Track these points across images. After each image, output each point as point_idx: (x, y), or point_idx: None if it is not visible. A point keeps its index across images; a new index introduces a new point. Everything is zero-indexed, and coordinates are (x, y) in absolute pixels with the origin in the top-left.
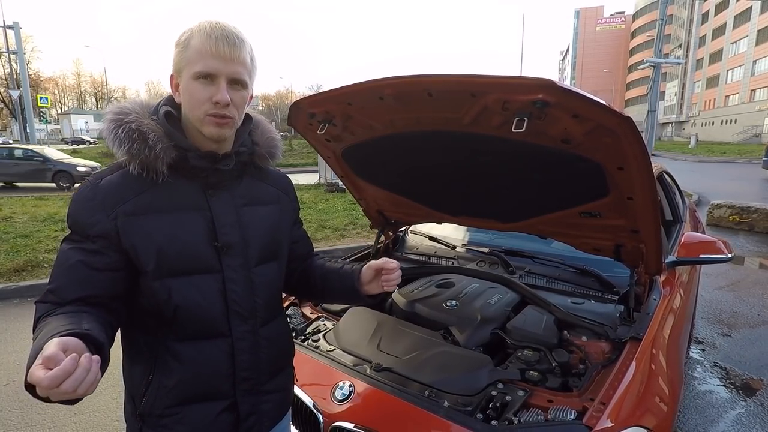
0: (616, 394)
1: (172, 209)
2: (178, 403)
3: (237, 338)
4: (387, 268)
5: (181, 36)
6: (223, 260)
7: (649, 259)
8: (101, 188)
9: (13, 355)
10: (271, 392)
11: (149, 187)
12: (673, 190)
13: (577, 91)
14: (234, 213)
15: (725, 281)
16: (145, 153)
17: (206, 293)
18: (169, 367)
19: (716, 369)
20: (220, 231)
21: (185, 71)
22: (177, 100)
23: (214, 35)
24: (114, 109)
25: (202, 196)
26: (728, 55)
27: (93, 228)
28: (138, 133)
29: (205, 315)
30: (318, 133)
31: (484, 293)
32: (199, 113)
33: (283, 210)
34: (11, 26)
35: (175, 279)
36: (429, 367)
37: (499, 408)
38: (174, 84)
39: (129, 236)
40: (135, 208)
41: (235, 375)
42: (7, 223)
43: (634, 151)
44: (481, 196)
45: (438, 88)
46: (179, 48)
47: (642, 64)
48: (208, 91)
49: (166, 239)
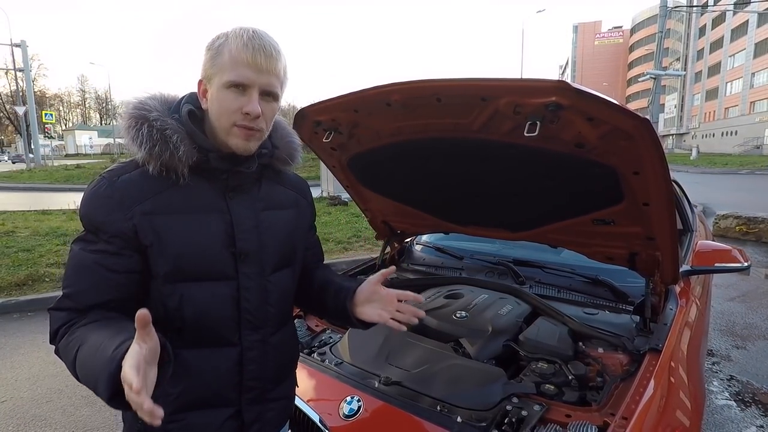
0: (638, 409)
1: (192, 210)
2: (182, 410)
3: (246, 348)
4: (403, 296)
5: (214, 41)
6: (239, 267)
7: (666, 268)
8: (119, 186)
9: (11, 371)
10: (275, 400)
11: (168, 188)
12: (682, 200)
13: (593, 93)
14: (254, 217)
15: (736, 292)
16: (167, 155)
17: (219, 301)
18: (175, 374)
19: (733, 382)
20: (238, 236)
21: (216, 78)
22: (204, 107)
23: (251, 45)
24: (134, 105)
25: (222, 198)
26: (727, 68)
27: (110, 227)
28: (161, 134)
29: (215, 324)
30: (323, 142)
31: (495, 304)
32: (228, 123)
33: (301, 214)
34: (18, 45)
35: (187, 284)
36: (440, 380)
37: (515, 423)
38: (202, 90)
39: (147, 235)
40: (153, 207)
41: (242, 384)
42: (9, 238)
43: (651, 155)
44: (490, 205)
45: (447, 93)
46: (211, 53)
47: (641, 77)
48: (239, 102)
49: (184, 241)
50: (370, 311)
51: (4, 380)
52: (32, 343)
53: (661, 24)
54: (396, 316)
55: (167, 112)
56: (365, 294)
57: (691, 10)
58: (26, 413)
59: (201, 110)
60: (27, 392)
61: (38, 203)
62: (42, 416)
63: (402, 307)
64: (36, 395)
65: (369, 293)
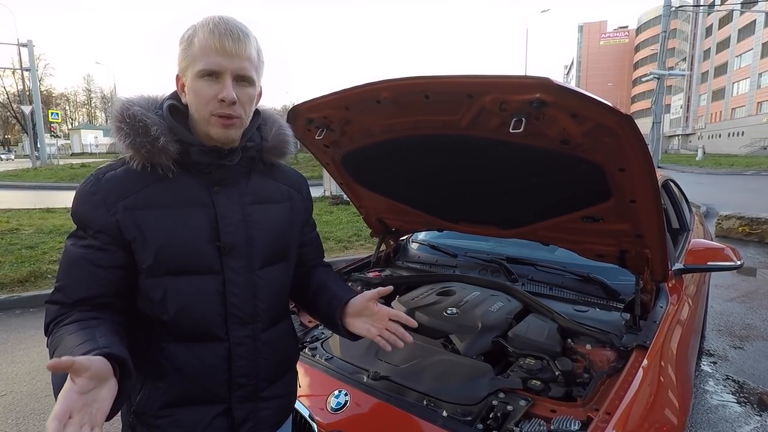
0: (622, 404)
1: (175, 205)
2: (170, 405)
3: (235, 343)
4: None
5: (184, 33)
6: (224, 261)
7: (655, 265)
8: (104, 183)
9: (12, 366)
10: (270, 399)
11: (153, 183)
12: (679, 199)
13: (575, 89)
14: (240, 211)
15: (736, 293)
16: (148, 146)
17: (204, 295)
18: (163, 368)
19: (729, 382)
20: (223, 230)
21: (189, 70)
22: (184, 101)
23: (217, 31)
24: (121, 103)
25: (207, 192)
26: (733, 68)
27: (95, 223)
28: (142, 126)
29: (200, 317)
30: (316, 139)
31: (486, 301)
32: (205, 113)
33: (294, 208)
34: (25, 44)
35: (171, 278)
36: (428, 375)
37: (500, 418)
38: (180, 84)
39: (129, 230)
40: (136, 202)
41: (231, 381)
42: (13, 235)
43: (635, 152)
44: (481, 203)
45: (435, 90)
46: (183, 46)
47: (646, 77)
48: (213, 90)
49: (166, 235)
50: (359, 325)
51: (4, 374)
52: (33, 338)
53: (664, 24)
54: (384, 334)
55: (151, 108)
56: (357, 307)
57: (697, 9)
58: (25, 407)
59: (184, 106)
60: (26, 386)
61: (43, 201)
62: (41, 410)
63: (392, 326)
64: (35, 390)
65: (361, 307)
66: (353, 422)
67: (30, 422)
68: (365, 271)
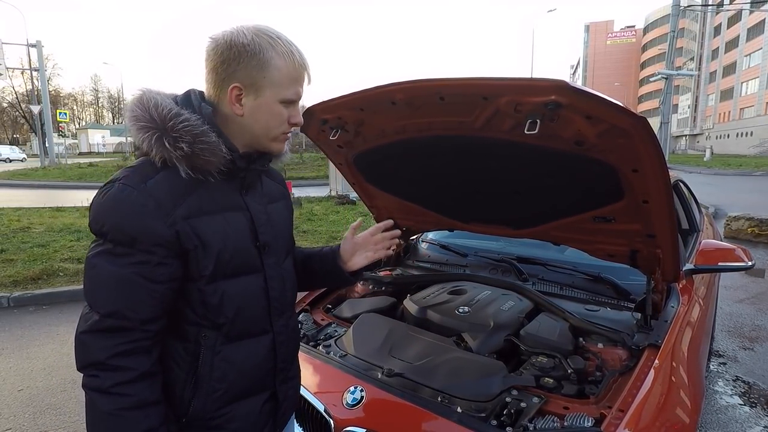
0: (635, 402)
1: (220, 210)
2: (229, 403)
3: (277, 332)
4: (375, 230)
5: (251, 46)
6: (264, 259)
7: (666, 265)
8: (151, 192)
9: (28, 362)
10: (294, 378)
11: (195, 189)
12: (688, 200)
13: (590, 92)
14: (265, 212)
15: (745, 294)
16: (205, 155)
17: (253, 293)
18: (221, 371)
19: (739, 383)
20: (259, 230)
21: (269, 92)
22: (233, 111)
23: (303, 61)
24: (155, 103)
25: (239, 196)
26: (742, 68)
27: (150, 237)
28: (202, 133)
29: (252, 314)
30: (330, 140)
31: (497, 300)
32: (277, 132)
33: (288, 204)
34: (34, 45)
35: (226, 281)
36: (441, 372)
37: (514, 414)
38: (235, 95)
39: (190, 239)
40: (189, 210)
41: (276, 367)
42: (25, 234)
43: (649, 152)
44: (493, 203)
45: (450, 92)
46: (255, 62)
47: (653, 77)
48: (288, 112)
49: (221, 240)
50: (358, 260)
51: (20, 370)
52: (47, 335)
53: (673, 23)
54: (378, 250)
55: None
56: (348, 249)
57: (706, 9)
58: (41, 402)
59: (215, 111)
60: (42, 382)
61: (53, 200)
62: (57, 405)
63: (377, 239)
64: (51, 385)
65: (351, 246)
66: (370, 418)
67: (47, 417)
68: (376, 270)
